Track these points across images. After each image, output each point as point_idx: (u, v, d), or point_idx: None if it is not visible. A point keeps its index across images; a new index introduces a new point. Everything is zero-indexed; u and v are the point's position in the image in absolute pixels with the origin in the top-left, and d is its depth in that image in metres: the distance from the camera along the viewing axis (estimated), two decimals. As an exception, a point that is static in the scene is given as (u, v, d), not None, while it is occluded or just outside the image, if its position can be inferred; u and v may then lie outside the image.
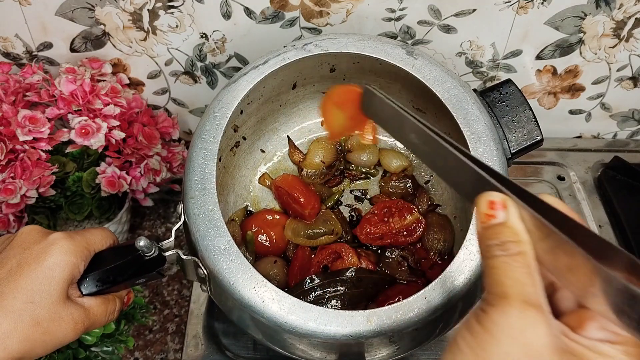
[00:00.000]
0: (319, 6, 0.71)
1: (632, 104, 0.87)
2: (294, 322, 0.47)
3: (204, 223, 0.50)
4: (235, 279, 0.48)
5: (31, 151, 0.66)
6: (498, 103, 0.58)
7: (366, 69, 0.65)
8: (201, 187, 0.52)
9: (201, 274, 0.51)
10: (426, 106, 0.66)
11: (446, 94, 0.56)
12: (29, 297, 0.42)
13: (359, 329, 0.47)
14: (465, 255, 0.49)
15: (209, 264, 0.50)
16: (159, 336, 0.69)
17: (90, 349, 0.57)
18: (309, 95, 0.69)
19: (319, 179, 0.69)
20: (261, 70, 0.58)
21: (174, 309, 0.71)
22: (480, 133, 0.53)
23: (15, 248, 0.45)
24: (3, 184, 0.64)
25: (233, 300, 0.49)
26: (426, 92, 0.58)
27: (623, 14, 0.74)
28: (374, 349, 0.52)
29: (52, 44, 0.75)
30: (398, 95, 0.67)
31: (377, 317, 0.47)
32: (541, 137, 0.57)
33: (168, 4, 0.70)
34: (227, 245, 0.49)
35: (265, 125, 0.69)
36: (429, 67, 0.57)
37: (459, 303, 0.49)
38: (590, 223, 0.79)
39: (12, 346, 0.41)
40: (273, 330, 0.50)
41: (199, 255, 0.51)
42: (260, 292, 0.48)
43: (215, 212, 0.51)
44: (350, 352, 0.52)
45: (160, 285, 0.74)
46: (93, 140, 0.67)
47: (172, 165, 0.78)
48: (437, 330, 0.53)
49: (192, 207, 0.51)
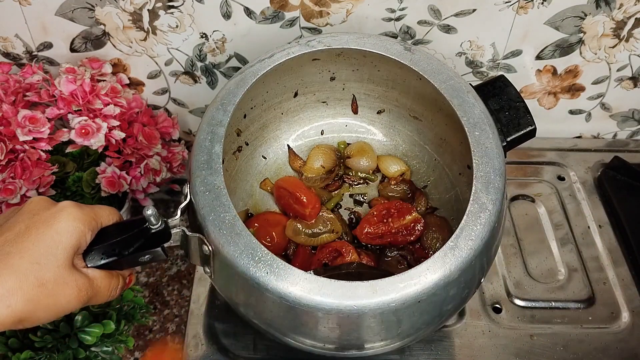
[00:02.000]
0: (319, 6, 0.71)
1: (632, 104, 0.87)
2: (298, 292, 0.47)
3: (209, 199, 0.51)
4: (239, 252, 0.48)
5: (31, 151, 0.66)
6: (492, 97, 0.60)
7: (365, 78, 0.68)
8: (208, 167, 0.53)
9: (206, 250, 0.51)
10: (422, 112, 0.68)
11: (443, 84, 0.57)
12: (35, 258, 0.43)
13: (363, 301, 0.47)
14: (467, 231, 0.49)
15: (214, 239, 0.50)
16: (159, 336, 0.69)
17: (90, 349, 0.57)
18: (310, 105, 0.71)
19: (319, 183, 0.70)
20: (267, 63, 0.59)
21: (174, 309, 0.71)
22: (477, 118, 0.55)
23: (25, 214, 0.45)
24: (3, 184, 0.64)
25: (237, 275, 0.49)
26: (423, 97, 0.60)
27: (623, 14, 0.74)
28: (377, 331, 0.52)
29: (52, 44, 0.75)
30: (395, 104, 0.69)
31: (380, 288, 0.47)
32: (534, 126, 0.59)
33: (168, 4, 0.70)
34: (233, 219, 0.50)
35: (267, 132, 0.71)
36: (426, 60, 0.59)
37: (462, 276, 0.50)
38: (590, 223, 0.79)
39: (16, 305, 0.41)
40: (276, 307, 0.50)
41: (204, 232, 0.51)
42: (265, 262, 0.48)
43: (221, 189, 0.51)
44: (350, 337, 0.53)
45: (160, 285, 0.74)
46: (93, 140, 0.67)
47: (172, 165, 0.78)
48: (440, 309, 0.53)
49: (198, 185, 0.52)
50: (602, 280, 0.73)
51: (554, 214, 0.80)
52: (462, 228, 0.50)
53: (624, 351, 0.67)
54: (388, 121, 0.72)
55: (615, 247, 0.77)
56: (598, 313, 0.70)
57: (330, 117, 0.73)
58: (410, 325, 0.53)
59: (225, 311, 0.69)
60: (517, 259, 0.75)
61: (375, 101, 0.71)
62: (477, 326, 0.69)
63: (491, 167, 0.53)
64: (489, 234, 0.50)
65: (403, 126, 0.71)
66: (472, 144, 0.54)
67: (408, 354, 0.66)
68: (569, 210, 0.81)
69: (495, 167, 0.53)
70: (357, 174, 0.72)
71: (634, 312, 0.70)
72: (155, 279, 0.74)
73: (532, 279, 0.73)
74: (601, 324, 0.69)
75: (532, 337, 0.68)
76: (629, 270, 0.74)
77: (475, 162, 0.53)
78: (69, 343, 0.55)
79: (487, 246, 0.51)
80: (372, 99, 0.71)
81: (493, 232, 0.51)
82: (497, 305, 0.71)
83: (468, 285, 0.53)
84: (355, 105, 0.72)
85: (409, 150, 0.72)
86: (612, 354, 0.67)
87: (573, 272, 0.74)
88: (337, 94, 0.71)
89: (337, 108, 0.72)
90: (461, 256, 0.49)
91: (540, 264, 0.75)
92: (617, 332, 0.69)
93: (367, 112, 0.72)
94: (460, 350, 0.67)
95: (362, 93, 0.71)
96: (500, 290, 0.72)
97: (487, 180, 0.52)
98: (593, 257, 0.76)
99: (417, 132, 0.71)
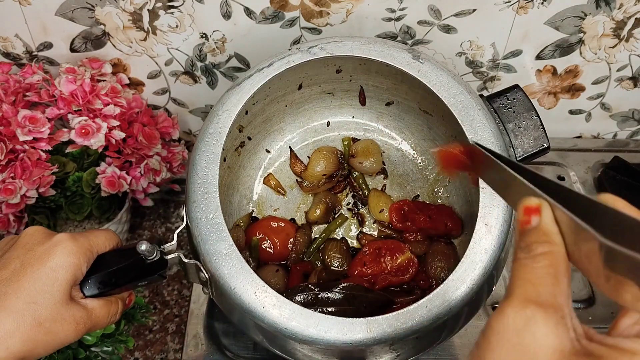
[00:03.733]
0: (319, 6, 0.71)
1: (632, 104, 0.87)
2: (294, 328, 0.47)
3: (205, 227, 0.50)
4: (236, 283, 0.48)
5: (31, 151, 0.66)
6: (505, 109, 0.57)
7: (372, 70, 0.64)
8: (204, 191, 0.52)
9: (203, 277, 0.52)
10: (433, 108, 0.65)
11: (452, 99, 0.55)
12: (31, 297, 0.42)
13: (358, 336, 0.47)
14: (468, 264, 0.49)
15: (210, 268, 0.50)
16: (159, 336, 0.69)
17: (90, 349, 0.57)
18: (315, 96, 0.68)
19: (322, 188, 0.68)
20: (266, 73, 0.58)
21: (174, 309, 0.71)
22: (486, 140, 0.53)
23: (19, 249, 0.45)
24: (3, 184, 0.64)
25: (234, 305, 0.49)
26: (432, 95, 0.57)
27: (623, 14, 0.74)
28: (375, 355, 0.52)
29: (52, 44, 0.75)
30: (405, 97, 0.67)
31: (377, 325, 0.47)
32: (548, 145, 0.56)
33: (168, 4, 0.70)
34: (229, 250, 0.49)
35: (271, 125, 0.69)
36: (435, 72, 0.57)
37: (464, 309, 0.49)
38: (590, 223, 0.79)
39: (15, 346, 0.41)
40: (273, 335, 0.50)
41: (200, 259, 0.51)
42: (261, 297, 0.48)
43: (218, 217, 0.51)
44: (351, 357, 0.52)
45: (160, 286, 0.74)
46: (93, 140, 0.67)
47: (172, 165, 0.78)
48: (439, 337, 0.53)
49: (194, 211, 0.51)
50: (602, 280, 0.73)
51: (554, 214, 0.80)
52: (464, 260, 0.49)
53: (624, 351, 0.67)
54: (397, 113, 0.69)
55: (615, 247, 0.77)
56: (598, 313, 0.70)
57: (337, 109, 0.70)
58: (410, 350, 0.53)
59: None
60: (517, 259, 0.75)
61: (384, 93, 0.68)
62: (477, 326, 0.69)
63: (497, 200, 0.51)
64: (491, 268, 0.49)
65: (413, 119, 0.68)
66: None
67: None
68: (569, 210, 0.81)
69: (501, 201, 0.51)
70: (359, 180, 0.70)
71: (634, 312, 0.70)
72: (155, 279, 0.74)
73: (532, 279, 0.73)
74: (601, 324, 0.69)
75: (532, 337, 0.68)
76: (629, 270, 0.74)
77: (482, 192, 0.51)
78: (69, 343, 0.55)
79: (490, 277, 0.50)
80: (381, 90, 0.67)
81: (498, 262, 0.50)
82: (497, 305, 0.71)
83: (468, 315, 0.53)
84: (363, 96, 0.69)
85: (417, 144, 0.70)
86: (612, 354, 0.67)
87: (573, 272, 0.74)
88: (344, 85, 0.67)
89: (344, 99, 0.70)
90: (463, 291, 0.48)
91: (540, 264, 0.75)
92: (617, 332, 0.69)
93: (375, 104, 0.69)
94: (460, 350, 0.67)
95: (370, 85, 0.67)
96: (500, 290, 0.72)
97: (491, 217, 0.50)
98: (593, 257, 0.76)
99: (428, 127, 0.68)
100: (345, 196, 0.70)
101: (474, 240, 0.50)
